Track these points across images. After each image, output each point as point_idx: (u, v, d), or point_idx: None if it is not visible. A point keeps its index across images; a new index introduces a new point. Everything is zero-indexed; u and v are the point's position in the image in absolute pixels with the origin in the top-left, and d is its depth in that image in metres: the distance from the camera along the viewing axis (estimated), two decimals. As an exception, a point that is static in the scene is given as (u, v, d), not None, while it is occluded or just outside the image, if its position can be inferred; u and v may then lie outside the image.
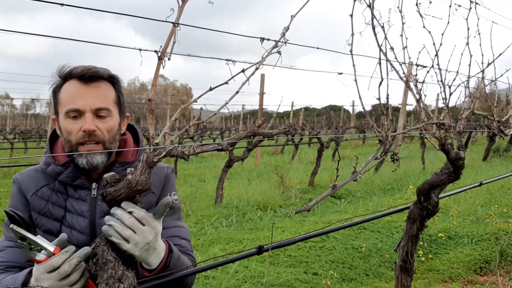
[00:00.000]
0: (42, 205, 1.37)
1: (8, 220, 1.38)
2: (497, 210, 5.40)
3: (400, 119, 11.19)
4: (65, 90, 1.36)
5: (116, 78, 1.41)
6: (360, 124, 22.38)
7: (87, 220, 1.37)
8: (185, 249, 1.43)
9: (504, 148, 12.65)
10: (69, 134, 1.33)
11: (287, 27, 1.18)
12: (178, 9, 1.08)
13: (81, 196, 1.39)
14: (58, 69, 1.38)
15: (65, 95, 1.35)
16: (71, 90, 1.34)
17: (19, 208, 1.38)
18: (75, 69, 1.35)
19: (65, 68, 1.37)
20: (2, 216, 5.91)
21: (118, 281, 0.98)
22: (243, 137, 1.15)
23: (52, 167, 1.38)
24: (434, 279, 3.61)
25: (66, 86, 1.36)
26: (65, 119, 1.33)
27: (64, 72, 1.37)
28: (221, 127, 29.47)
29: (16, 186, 1.42)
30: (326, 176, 8.79)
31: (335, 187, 1.36)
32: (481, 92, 2.35)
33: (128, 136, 1.51)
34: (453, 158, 1.73)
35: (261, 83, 11.55)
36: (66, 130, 1.33)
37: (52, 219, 1.37)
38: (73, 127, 1.32)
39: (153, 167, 1.05)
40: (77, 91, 1.33)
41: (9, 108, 37.01)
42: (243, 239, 4.46)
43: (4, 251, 1.35)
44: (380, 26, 1.57)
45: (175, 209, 1.50)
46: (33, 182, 1.40)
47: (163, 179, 1.50)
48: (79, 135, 1.31)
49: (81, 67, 1.35)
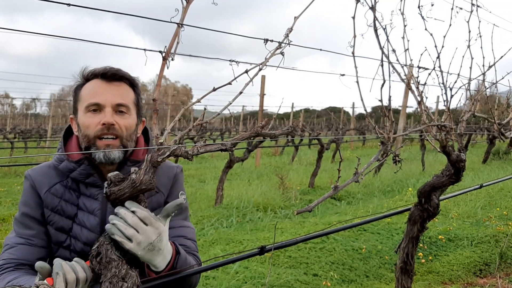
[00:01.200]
0: (55, 202, 1.37)
1: (19, 216, 1.38)
2: (497, 213, 5.41)
3: (400, 121, 11.19)
4: (87, 87, 1.39)
5: (136, 82, 1.43)
6: (360, 126, 22.40)
7: (98, 219, 1.37)
8: (190, 250, 1.44)
9: (504, 151, 12.65)
10: (88, 128, 1.34)
11: (290, 28, 1.19)
12: (182, 9, 1.09)
13: (93, 194, 1.39)
14: (81, 71, 1.41)
15: (86, 92, 1.38)
16: (93, 87, 1.38)
17: (31, 204, 1.38)
18: (98, 69, 1.39)
19: (87, 69, 1.41)
20: (2, 215, 5.91)
21: (121, 280, 0.98)
22: (246, 137, 1.16)
23: (65, 164, 1.39)
24: (434, 281, 3.62)
25: (87, 85, 1.39)
26: (84, 114, 1.35)
27: (86, 72, 1.40)
28: (221, 128, 29.48)
29: (29, 182, 1.40)
30: (326, 178, 8.79)
31: (336, 188, 1.36)
32: (481, 94, 2.36)
33: (139, 135, 1.53)
34: (454, 160, 1.74)
35: (262, 84, 11.56)
36: (85, 124, 1.34)
37: (65, 217, 1.37)
38: (92, 120, 1.33)
39: (157, 166, 1.06)
40: (98, 87, 1.37)
41: (9, 107, 37.03)
42: (243, 240, 4.46)
43: (15, 247, 1.35)
44: (382, 28, 1.58)
45: (182, 209, 1.51)
46: (47, 179, 1.40)
47: (172, 178, 1.51)
48: (97, 128, 1.33)
49: (103, 67, 1.39)
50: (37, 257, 1.35)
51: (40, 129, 26.24)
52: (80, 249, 1.36)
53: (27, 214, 1.38)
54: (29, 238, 1.36)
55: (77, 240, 1.37)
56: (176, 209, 1.18)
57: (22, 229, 1.38)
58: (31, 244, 1.36)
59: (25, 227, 1.38)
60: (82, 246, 1.36)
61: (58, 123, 39.80)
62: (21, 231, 1.37)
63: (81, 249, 1.36)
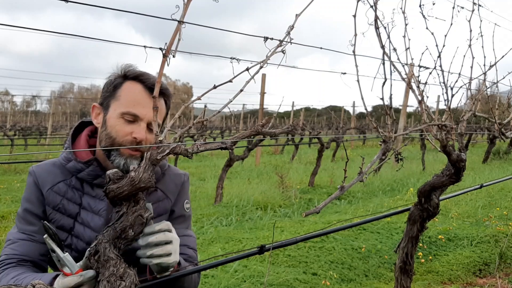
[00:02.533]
0: (57, 200, 1.37)
1: (22, 212, 1.38)
2: (497, 213, 5.40)
3: (401, 120, 11.19)
4: (128, 88, 1.34)
5: (170, 95, 1.41)
6: (361, 125, 22.38)
7: (103, 219, 1.37)
8: (191, 259, 1.45)
9: (505, 151, 12.64)
10: (117, 132, 1.31)
11: (291, 26, 1.18)
12: (183, 6, 1.08)
13: (99, 195, 1.38)
14: (121, 66, 1.37)
15: (126, 94, 1.33)
16: (136, 94, 1.33)
17: (33, 201, 1.38)
18: (142, 74, 1.35)
19: (128, 67, 1.37)
20: (2, 213, 5.91)
21: (119, 278, 0.98)
22: (247, 135, 1.16)
23: (73, 163, 1.37)
24: (433, 281, 3.61)
25: (130, 86, 1.35)
26: (118, 118, 1.31)
27: (129, 70, 1.36)
28: (221, 126, 29.47)
29: (32, 178, 1.39)
30: (326, 177, 8.79)
31: (342, 188, 1.36)
32: (482, 94, 2.35)
33: None
34: (455, 160, 1.74)
35: (262, 82, 11.55)
36: (115, 129, 1.31)
37: (66, 215, 1.37)
38: (124, 129, 1.31)
39: (157, 164, 1.05)
40: (141, 97, 1.32)
41: (10, 104, 36.98)
42: (242, 239, 4.46)
43: (17, 243, 1.34)
44: (383, 26, 1.57)
45: (186, 217, 1.53)
46: (50, 177, 1.38)
47: (179, 186, 1.51)
48: (127, 139, 1.30)
49: (147, 74, 1.35)
50: (39, 253, 1.35)
51: (40, 126, 26.26)
52: (82, 248, 1.35)
53: (29, 210, 1.38)
54: (31, 234, 1.35)
55: (79, 239, 1.37)
56: None
57: (24, 225, 1.37)
58: (33, 240, 1.35)
59: (27, 223, 1.37)
60: (84, 246, 1.35)
61: (58, 120, 39.81)
62: (23, 226, 1.37)
63: (83, 248, 1.35)
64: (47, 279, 1.16)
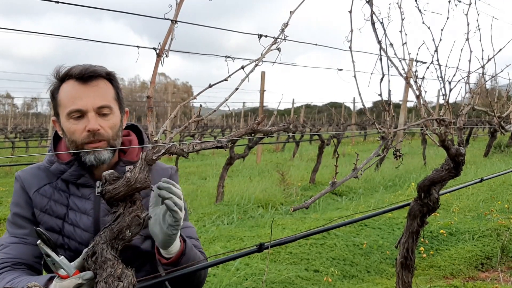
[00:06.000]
0: (44, 202, 1.38)
1: (11, 217, 1.39)
2: (498, 206, 5.39)
3: (401, 115, 11.17)
4: (64, 91, 1.34)
5: (113, 75, 1.40)
6: (361, 121, 22.33)
7: (91, 218, 1.38)
8: (197, 248, 1.47)
9: (506, 144, 12.62)
10: (73, 134, 1.32)
11: (286, 23, 1.18)
12: (176, 6, 1.08)
13: (85, 195, 1.39)
14: (55, 71, 1.36)
15: (64, 96, 1.33)
16: (70, 91, 1.33)
17: (21, 204, 1.39)
18: (72, 69, 1.33)
19: (61, 69, 1.35)
20: (4, 215, 5.92)
21: (117, 279, 0.97)
22: (242, 134, 1.15)
23: (55, 166, 1.39)
24: (435, 275, 3.61)
25: (64, 87, 1.34)
26: (67, 120, 1.32)
27: (60, 73, 1.35)
28: (222, 125, 29.48)
29: (19, 183, 1.42)
30: (327, 173, 8.78)
31: (334, 184, 1.36)
32: (481, 88, 2.34)
33: (133, 137, 1.52)
34: (453, 154, 1.73)
35: (262, 80, 11.54)
36: (70, 131, 1.32)
37: (54, 217, 1.38)
38: (76, 127, 1.31)
39: (152, 164, 1.05)
40: (77, 91, 1.32)
41: (10, 107, 37.05)
42: (244, 237, 4.46)
43: (9, 247, 1.35)
44: (379, 22, 1.57)
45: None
46: (35, 180, 1.40)
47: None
48: (83, 135, 1.31)
49: (78, 67, 1.33)
50: (33, 255, 1.36)
51: (41, 128, 26.25)
52: (75, 247, 1.37)
53: (18, 214, 1.39)
54: (22, 237, 1.37)
55: (71, 239, 1.38)
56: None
57: (15, 229, 1.38)
58: (26, 242, 1.36)
59: (17, 226, 1.38)
60: (77, 245, 1.37)
61: (59, 122, 39.69)
62: (14, 231, 1.38)
63: (76, 248, 1.37)
64: (42, 281, 1.16)
